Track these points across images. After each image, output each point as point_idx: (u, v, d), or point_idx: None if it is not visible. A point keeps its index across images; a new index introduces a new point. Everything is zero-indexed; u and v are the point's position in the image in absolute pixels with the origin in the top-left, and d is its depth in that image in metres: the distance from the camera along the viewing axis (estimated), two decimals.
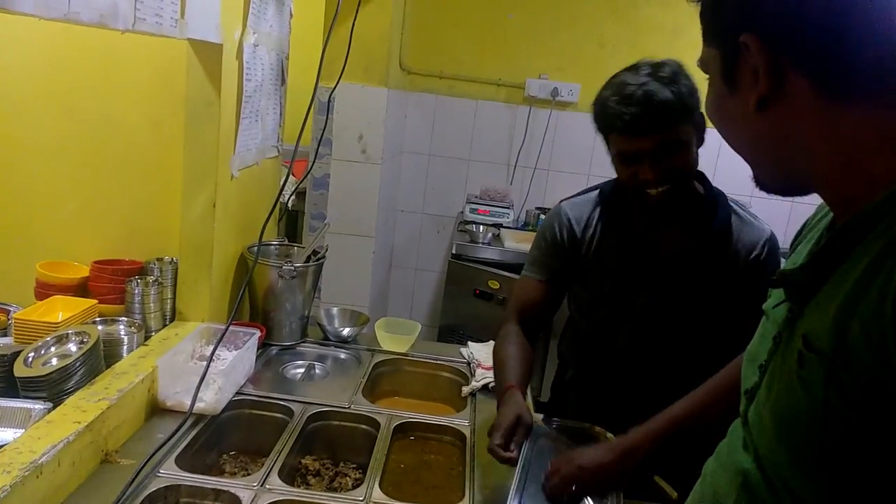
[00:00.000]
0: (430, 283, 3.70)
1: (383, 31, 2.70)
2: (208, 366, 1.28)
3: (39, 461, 0.99)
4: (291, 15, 1.93)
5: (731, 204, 1.42)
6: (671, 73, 1.26)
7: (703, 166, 1.38)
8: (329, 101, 2.47)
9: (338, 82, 1.70)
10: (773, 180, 0.69)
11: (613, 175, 1.40)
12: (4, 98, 1.59)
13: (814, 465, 0.60)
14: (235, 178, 1.63)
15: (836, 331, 0.57)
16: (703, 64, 0.71)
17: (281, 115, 1.96)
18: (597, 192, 1.50)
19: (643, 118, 1.22)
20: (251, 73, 1.63)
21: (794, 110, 0.61)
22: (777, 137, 0.64)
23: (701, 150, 1.34)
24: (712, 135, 1.02)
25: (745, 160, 0.71)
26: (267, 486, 1.17)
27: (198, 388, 1.26)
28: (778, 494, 0.65)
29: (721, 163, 2.15)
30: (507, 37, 3.42)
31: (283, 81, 1.94)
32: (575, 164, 3.47)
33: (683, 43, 3.13)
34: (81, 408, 1.15)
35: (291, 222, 3.13)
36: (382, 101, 2.78)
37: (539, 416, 1.37)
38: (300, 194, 3.01)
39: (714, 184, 1.44)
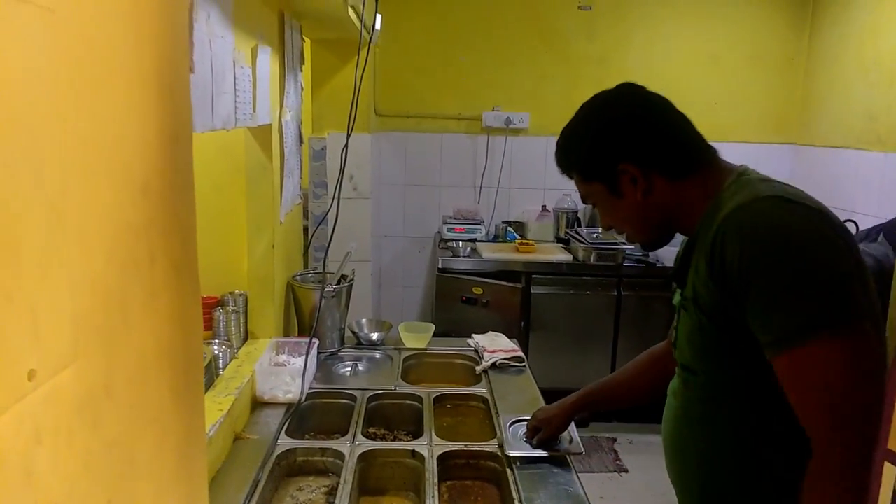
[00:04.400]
0: (416, 298, 4.16)
1: (365, 85, 3.17)
2: (306, 364, 1.73)
3: (210, 435, 1.42)
4: (303, 88, 2.39)
5: None
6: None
7: None
8: (323, 149, 2.93)
9: (349, 135, 2.13)
10: (657, 238, 1.26)
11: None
12: None
13: (703, 353, 1.17)
14: (282, 223, 2.08)
15: (692, 287, 1.14)
16: (587, 196, 1.26)
17: (300, 168, 2.41)
18: None
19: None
20: (286, 140, 2.09)
21: (660, 191, 1.18)
22: (657, 209, 1.20)
23: None
24: None
25: (638, 235, 1.26)
26: (357, 443, 1.62)
27: (303, 378, 1.72)
28: (694, 373, 1.20)
29: None
30: (461, 76, 3.94)
31: (301, 142, 2.39)
32: (531, 181, 4.00)
33: (609, 70, 3.72)
34: (217, 402, 1.58)
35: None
36: (367, 144, 3.26)
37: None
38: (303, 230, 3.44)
39: None
